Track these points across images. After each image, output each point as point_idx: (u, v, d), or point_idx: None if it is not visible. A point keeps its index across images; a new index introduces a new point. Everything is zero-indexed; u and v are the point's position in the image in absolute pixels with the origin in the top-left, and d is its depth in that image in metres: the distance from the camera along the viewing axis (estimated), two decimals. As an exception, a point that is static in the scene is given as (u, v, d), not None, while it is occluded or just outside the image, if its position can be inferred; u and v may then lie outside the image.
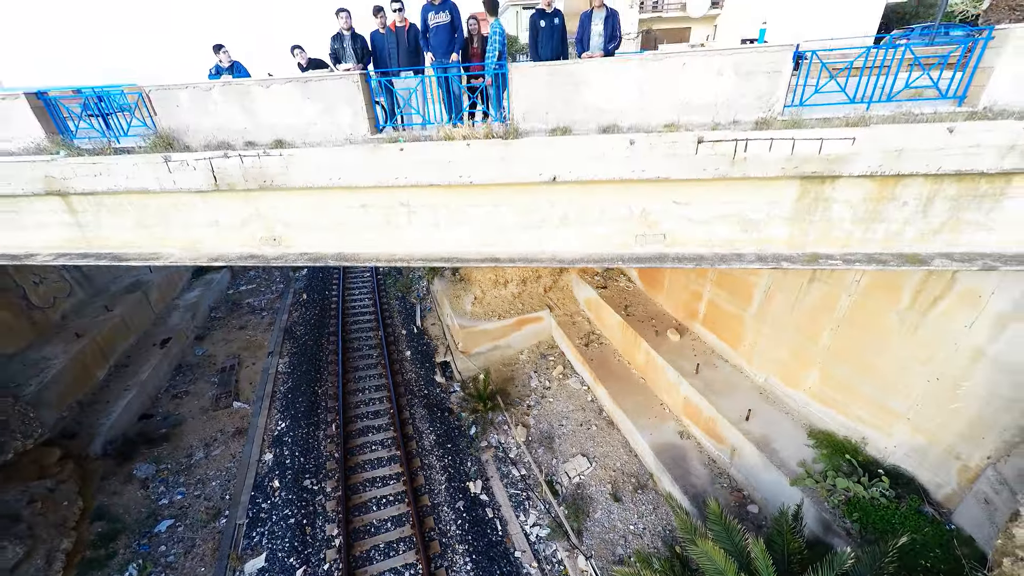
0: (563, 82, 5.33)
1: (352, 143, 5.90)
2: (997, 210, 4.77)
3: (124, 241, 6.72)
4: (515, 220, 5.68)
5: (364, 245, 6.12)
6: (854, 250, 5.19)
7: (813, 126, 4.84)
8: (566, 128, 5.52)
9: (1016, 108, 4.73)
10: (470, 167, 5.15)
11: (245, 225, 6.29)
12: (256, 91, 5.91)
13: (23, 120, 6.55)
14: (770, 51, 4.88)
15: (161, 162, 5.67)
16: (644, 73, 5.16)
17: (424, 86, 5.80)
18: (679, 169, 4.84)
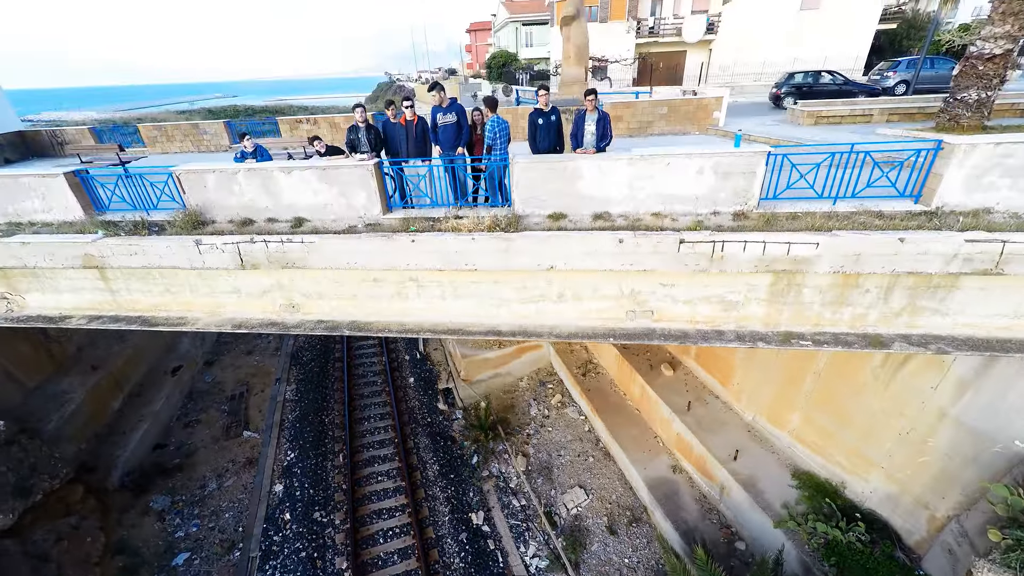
0: (560, 175, 5.87)
1: (366, 223, 6.45)
2: (949, 299, 5.29)
3: (152, 305, 7.23)
4: (515, 295, 6.20)
5: (376, 314, 6.63)
6: (824, 329, 5.71)
7: (784, 223, 5.38)
8: (562, 214, 6.06)
9: (963, 208, 5.29)
10: (475, 257, 5.67)
11: (266, 294, 6.81)
12: (278, 176, 6.45)
13: (61, 194, 7.10)
14: (745, 155, 5.42)
15: (192, 245, 6.19)
16: (633, 170, 5.70)
17: (432, 173, 6.33)
18: (663, 264, 5.37)
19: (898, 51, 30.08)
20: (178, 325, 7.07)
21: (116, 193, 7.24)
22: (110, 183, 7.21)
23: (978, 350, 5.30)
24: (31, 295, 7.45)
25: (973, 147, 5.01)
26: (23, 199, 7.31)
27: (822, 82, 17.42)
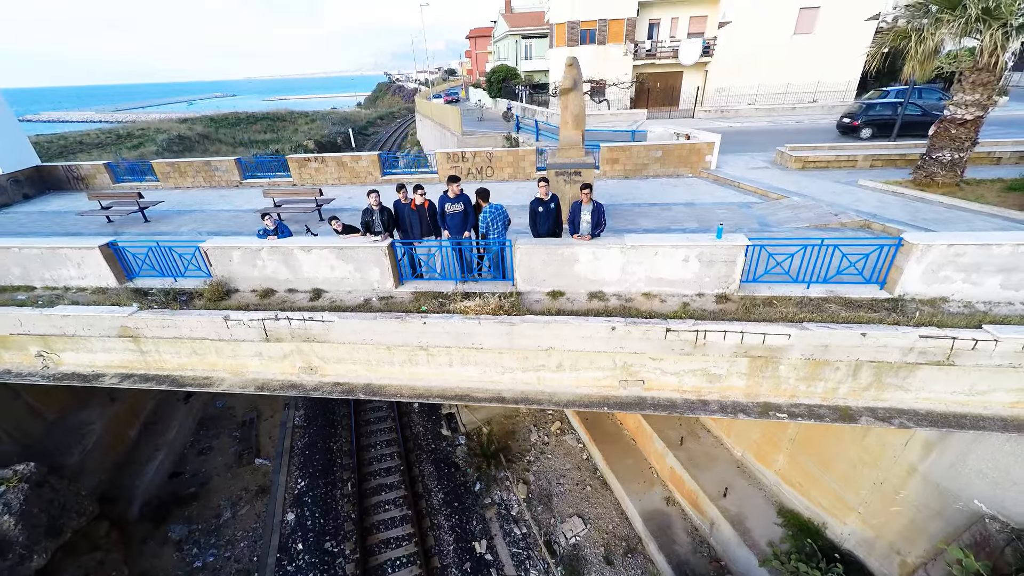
0: (558, 259, 6.44)
1: (379, 296, 7.01)
2: (911, 378, 5.85)
3: (179, 364, 7.78)
4: (517, 364, 6.75)
5: (389, 378, 7.19)
6: (799, 401, 6.27)
7: (761, 310, 5.93)
8: (560, 292, 6.63)
9: (922, 296, 5.87)
10: (481, 338, 6.23)
11: (286, 357, 7.36)
12: (299, 253, 7.01)
13: (95, 264, 7.66)
14: (727, 247, 5.98)
15: (221, 321, 6.74)
16: (625, 257, 6.26)
17: (441, 251, 6.88)
18: (652, 348, 5.92)
19: (892, 70, 30.66)
20: (204, 385, 7.61)
21: (146, 262, 7.78)
22: (141, 253, 7.74)
23: (936, 425, 5.87)
24: (66, 354, 8.00)
25: (929, 247, 5.58)
26: (60, 267, 7.86)
27: (905, 112, 16.22)
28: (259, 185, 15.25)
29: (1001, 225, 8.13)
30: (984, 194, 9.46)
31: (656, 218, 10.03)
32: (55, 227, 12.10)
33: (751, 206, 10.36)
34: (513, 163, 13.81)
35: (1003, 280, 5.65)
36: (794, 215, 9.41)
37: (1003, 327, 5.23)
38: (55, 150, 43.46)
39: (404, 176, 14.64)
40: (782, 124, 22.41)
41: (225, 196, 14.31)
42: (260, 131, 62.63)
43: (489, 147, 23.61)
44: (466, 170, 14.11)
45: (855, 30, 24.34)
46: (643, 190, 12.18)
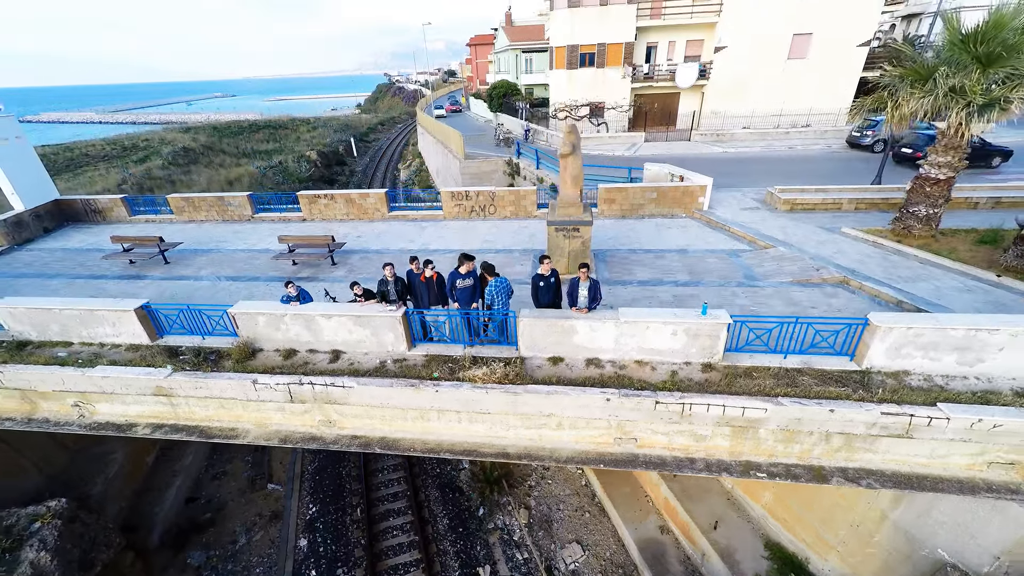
0: (558, 330, 7.07)
1: (394, 358, 7.64)
2: (877, 443, 6.47)
3: (207, 416, 8.39)
4: (520, 423, 7.37)
5: (402, 432, 7.80)
6: (778, 460, 6.89)
7: (742, 382, 6.56)
8: (560, 358, 7.27)
9: (887, 369, 6.51)
10: (488, 404, 6.85)
11: (307, 412, 7.97)
12: (320, 319, 7.64)
13: (130, 323, 8.29)
14: (710, 324, 6.61)
15: (250, 384, 7.36)
16: (618, 330, 6.89)
17: (451, 321, 7.51)
18: (643, 417, 6.55)
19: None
20: (231, 437, 8.23)
21: (177, 322, 8.39)
22: (172, 314, 8.35)
23: (900, 487, 6.49)
24: (101, 405, 8.61)
25: (891, 328, 6.20)
26: (97, 326, 8.49)
27: None
28: (270, 219, 15.87)
29: (968, 285, 8.75)
30: (957, 247, 10.09)
31: (651, 267, 10.65)
32: (79, 268, 12.71)
33: (740, 254, 10.98)
34: (514, 202, 14.43)
35: (958, 358, 6.28)
36: (778, 267, 10.04)
37: (955, 406, 5.86)
38: (61, 163, 44.03)
39: (410, 212, 15.25)
40: (776, 150, 23.06)
41: (239, 232, 14.91)
42: (263, 140, 63.16)
43: (491, 174, 24.23)
44: (469, 207, 14.73)
45: (848, 56, 24.98)
46: (639, 232, 12.80)
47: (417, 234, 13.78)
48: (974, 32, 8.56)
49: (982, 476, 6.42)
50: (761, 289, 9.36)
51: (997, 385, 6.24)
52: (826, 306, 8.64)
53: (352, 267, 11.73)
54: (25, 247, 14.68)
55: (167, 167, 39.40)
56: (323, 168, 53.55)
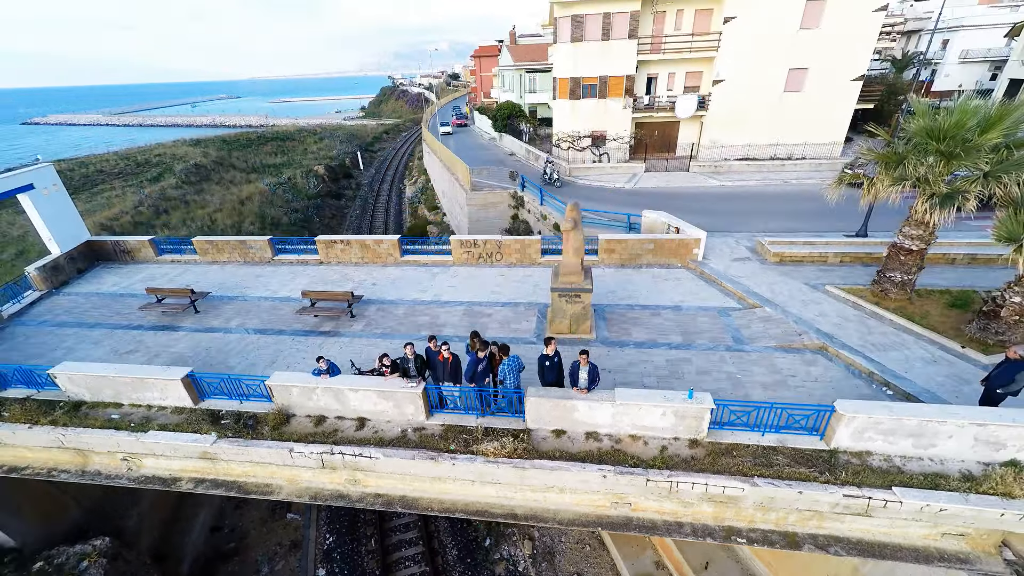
0: (561, 407, 7.97)
1: (413, 427, 8.55)
2: (843, 516, 7.32)
3: (244, 473, 9.32)
4: (528, 488, 8.24)
5: (420, 493, 8.68)
6: (756, 527, 7.75)
7: (723, 460, 7.43)
8: (563, 431, 8.18)
9: (852, 450, 7.36)
10: (498, 475, 7.75)
11: (335, 473, 8.88)
12: (348, 392, 8.56)
13: (176, 390, 9.24)
14: (696, 406, 7.48)
15: (287, 452, 8.28)
16: (615, 409, 7.78)
17: (465, 396, 8.41)
18: (635, 491, 7.43)
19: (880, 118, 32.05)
20: (266, 493, 9.15)
21: (219, 388, 9.32)
22: (215, 382, 9.29)
23: (864, 554, 7.34)
24: (148, 460, 9.55)
25: (854, 417, 7.06)
26: (147, 391, 9.44)
27: None
28: (289, 262, 16.81)
29: (935, 355, 9.57)
30: (930, 311, 10.91)
31: (647, 326, 11.51)
32: (116, 316, 13.68)
33: (729, 313, 11.83)
34: (519, 250, 15.32)
35: (914, 442, 7.13)
36: (764, 330, 10.89)
37: (907, 490, 6.71)
38: (78, 180, 45.27)
39: (421, 257, 16.15)
40: (771, 183, 23.86)
41: (260, 277, 15.85)
42: (271, 152, 64.33)
43: (496, 204, 25.12)
44: (477, 254, 15.62)
45: (842, 89, 25.76)
46: (637, 285, 13.66)
47: (429, 282, 14.68)
48: (939, 127, 9.40)
49: (936, 545, 7.27)
50: (747, 354, 10.22)
51: (948, 468, 7.09)
52: (805, 374, 9.49)
53: (370, 320, 12.64)
54: (62, 290, 15.68)
55: (180, 186, 40.52)
56: (330, 182, 54.63)
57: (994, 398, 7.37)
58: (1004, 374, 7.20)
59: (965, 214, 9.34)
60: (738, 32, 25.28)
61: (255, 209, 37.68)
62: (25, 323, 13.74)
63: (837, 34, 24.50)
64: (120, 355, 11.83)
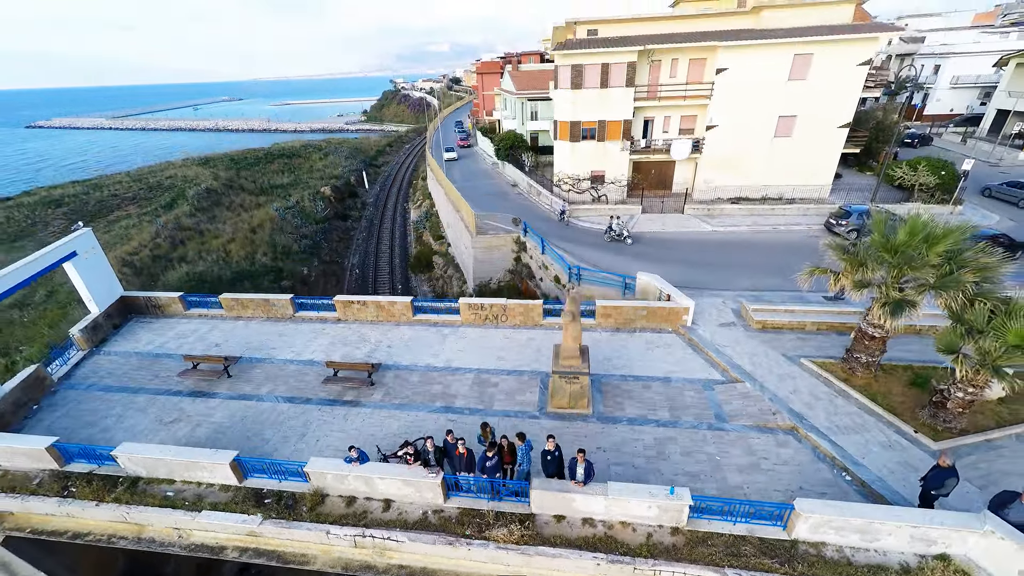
0: (561, 498, 9.27)
1: (433, 509, 9.86)
2: (801, 595, 8.60)
3: (283, 545, 10.62)
4: (533, 568, 9.55)
5: (439, 566, 9.98)
6: (728, 601, 9.03)
7: (700, 550, 8.72)
8: (563, 516, 9.48)
9: (810, 540, 8.64)
10: (508, 559, 9.05)
11: (364, 548, 10.18)
12: (375, 479, 9.89)
13: (223, 471, 10.55)
14: (677, 502, 8.77)
15: (323, 534, 9.59)
16: (607, 501, 9.08)
17: (478, 483, 9.71)
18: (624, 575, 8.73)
19: (870, 152, 33.32)
20: (303, 563, 10.45)
21: (260, 469, 10.64)
22: (257, 464, 10.60)
23: (817, 629, 8.61)
24: (198, 532, 10.86)
25: (810, 515, 8.34)
26: (197, 471, 10.76)
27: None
28: (310, 319, 18.13)
29: (892, 439, 10.83)
30: (892, 389, 12.18)
31: (638, 400, 12.80)
32: (156, 380, 15.00)
33: (713, 387, 13.11)
34: (523, 313, 16.62)
35: (860, 537, 8.40)
36: (743, 407, 12.17)
37: (851, 582, 7.99)
38: (93, 205, 46.70)
39: (432, 316, 17.45)
40: (761, 228, 25.11)
41: (284, 336, 17.16)
42: (278, 170, 65.73)
43: (500, 247, 26.41)
44: (484, 315, 16.93)
45: (829, 136, 27.01)
46: (630, 351, 14.95)
47: (439, 344, 15.99)
48: (891, 241, 10.67)
49: (880, 623, 8.53)
50: (727, 434, 11.50)
51: (889, 559, 8.36)
52: (776, 457, 10.77)
53: (388, 390, 13.94)
54: (102, 349, 17.02)
55: (194, 213, 41.89)
56: (337, 203, 56.05)
57: (928, 498, 8.65)
58: (935, 479, 8.48)
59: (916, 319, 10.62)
60: (730, 82, 26.56)
61: (266, 238, 39.07)
62: (74, 386, 15.08)
63: (824, 85, 25.77)
64: (165, 424, 13.17)
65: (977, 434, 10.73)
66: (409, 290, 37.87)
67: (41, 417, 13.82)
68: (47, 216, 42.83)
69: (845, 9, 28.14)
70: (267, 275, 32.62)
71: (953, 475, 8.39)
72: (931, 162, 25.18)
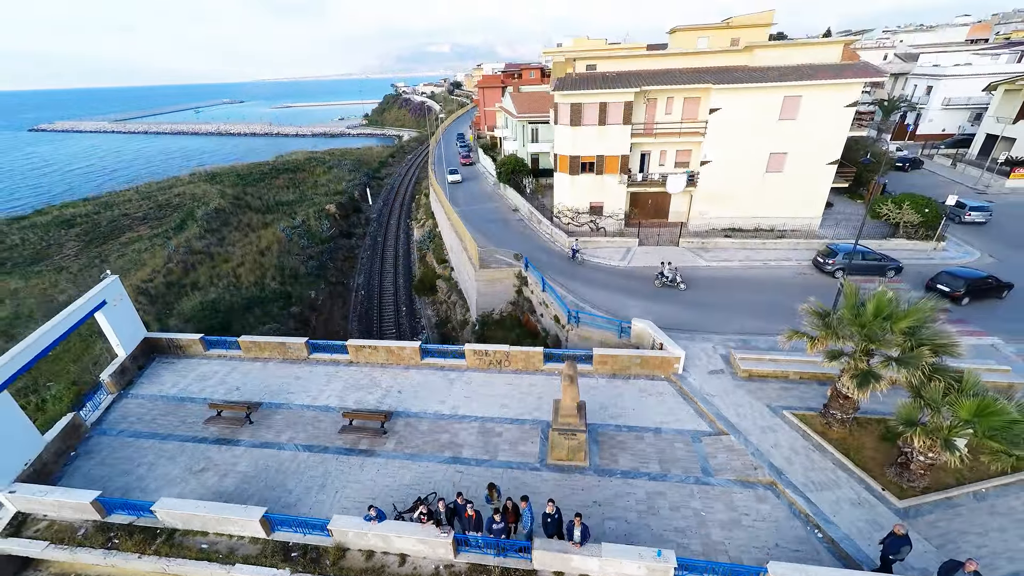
0: (559, 556, 10.35)
1: (445, 564, 10.94)
2: (774, 647, 9.66)
3: (308, 591, 11.70)
4: (534, 614, 10.63)
5: (450, 613, 11.08)
6: (709, 651, 10.10)
7: (682, 605, 9.79)
8: (562, 572, 10.54)
9: (781, 600, 9.68)
10: (512, 614, 10.13)
11: (382, 595, 11.26)
12: (392, 536, 10.98)
13: (253, 525, 11.65)
14: (662, 564, 9.85)
15: (347, 588, 10.67)
16: (601, 560, 10.16)
17: (486, 542, 10.79)
18: (616, 630, 9.80)
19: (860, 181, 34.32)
20: (326, 609, 11.53)
21: (288, 524, 11.73)
22: (284, 519, 11.69)
23: None
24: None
25: (780, 579, 9.42)
26: (229, 525, 11.85)
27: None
28: (323, 360, 19.23)
29: (861, 497, 11.87)
30: (865, 443, 13.25)
31: (631, 452, 13.88)
32: (183, 427, 16.10)
33: (701, 439, 14.17)
34: (524, 359, 17.70)
35: (825, 597, 9.48)
36: (727, 461, 13.24)
37: (815, 640, 9.05)
38: (105, 226, 47.84)
39: (439, 360, 18.54)
40: (753, 263, 26.18)
41: (300, 378, 18.26)
42: (284, 186, 66.93)
43: (503, 280, 27.48)
44: (488, 361, 18.02)
45: (818, 172, 28.09)
46: (625, 398, 16.03)
47: (447, 391, 17.07)
48: (860, 316, 11.75)
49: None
50: (711, 488, 12.57)
51: (849, 617, 9.43)
52: (756, 513, 11.83)
53: (400, 438, 15.02)
54: (129, 392, 18.12)
55: (203, 235, 43.01)
56: (341, 220, 57.17)
57: (888, 562, 9.71)
58: (893, 545, 9.54)
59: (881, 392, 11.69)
60: (723, 121, 27.66)
61: (274, 261, 40.22)
62: (106, 431, 16.19)
63: (813, 125, 26.86)
64: (194, 473, 14.26)
65: (938, 492, 11.80)
66: (413, 312, 39.00)
67: (78, 465, 14.93)
68: (61, 238, 44.02)
69: (833, 49, 29.33)
70: (276, 301, 33.73)
71: (907, 543, 9.45)
72: (915, 200, 26.20)
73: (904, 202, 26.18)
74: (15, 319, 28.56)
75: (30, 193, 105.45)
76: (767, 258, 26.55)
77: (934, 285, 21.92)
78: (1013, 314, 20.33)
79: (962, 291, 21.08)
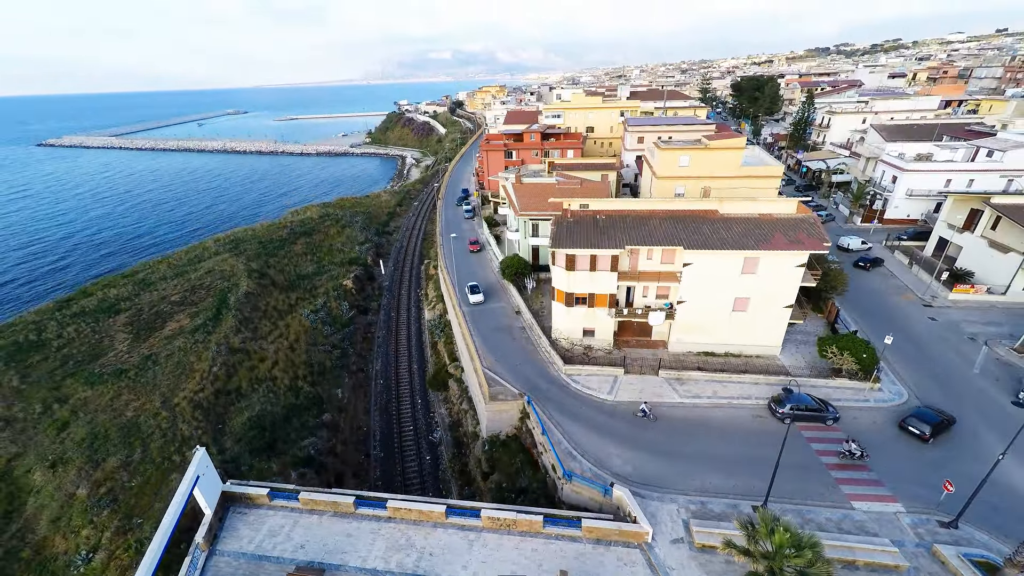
0: None
1: None
2: None
3: None
4: None
5: None
6: None
7: None
8: None
9: None
10: None
11: None
12: None
13: None
14: None
15: None
16: None
17: None
18: None
19: (820, 296, 39.14)
20: None
21: None
22: None
23: None
24: None
25: None
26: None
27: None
28: (369, 516, 24.09)
29: None
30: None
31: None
32: (266, 590, 20.94)
33: (660, 614, 19.01)
34: (528, 525, 22.55)
35: None
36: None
37: None
38: (147, 313, 52.74)
39: (460, 520, 23.37)
40: (719, 402, 31.01)
41: (351, 537, 23.10)
42: (302, 252, 72.02)
43: (508, 411, 32.36)
44: (499, 523, 22.86)
45: (777, 312, 33.05)
46: (606, 566, 20.86)
47: (467, 554, 21.90)
48: (772, 547, 16.57)
49: None
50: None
51: None
52: None
53: (435, 607, 19.85)
54: (216, 548, 22.96)
55: (239, 329, 47.88)
56: (358, 294, 62.25)
57: None
58: None
59: None
60: (694, 272, 32.72)
61: (303, 357, 45.17)
62: (207, 594, 21.02)
63: (770, 278, 31.87)
64: (283, 640, 19.07)
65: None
66: (428, 405, 43.82)
67: (193, 628, 19.76)
68: (110, 328, 48.86)
69: (790, 203, 34.47)
70: (310, 409, 38.63)
71: None
72: (855, 346, 31.04)
73: (845, 351, 31.02)
74: (93, 440, 33.40)
75: (51, 217, 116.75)
76: (731, 395, 31.36)
77: (906, 427, 27.21)
78: (924, 474, 24.76)
79: (928, 434, 26.27)
